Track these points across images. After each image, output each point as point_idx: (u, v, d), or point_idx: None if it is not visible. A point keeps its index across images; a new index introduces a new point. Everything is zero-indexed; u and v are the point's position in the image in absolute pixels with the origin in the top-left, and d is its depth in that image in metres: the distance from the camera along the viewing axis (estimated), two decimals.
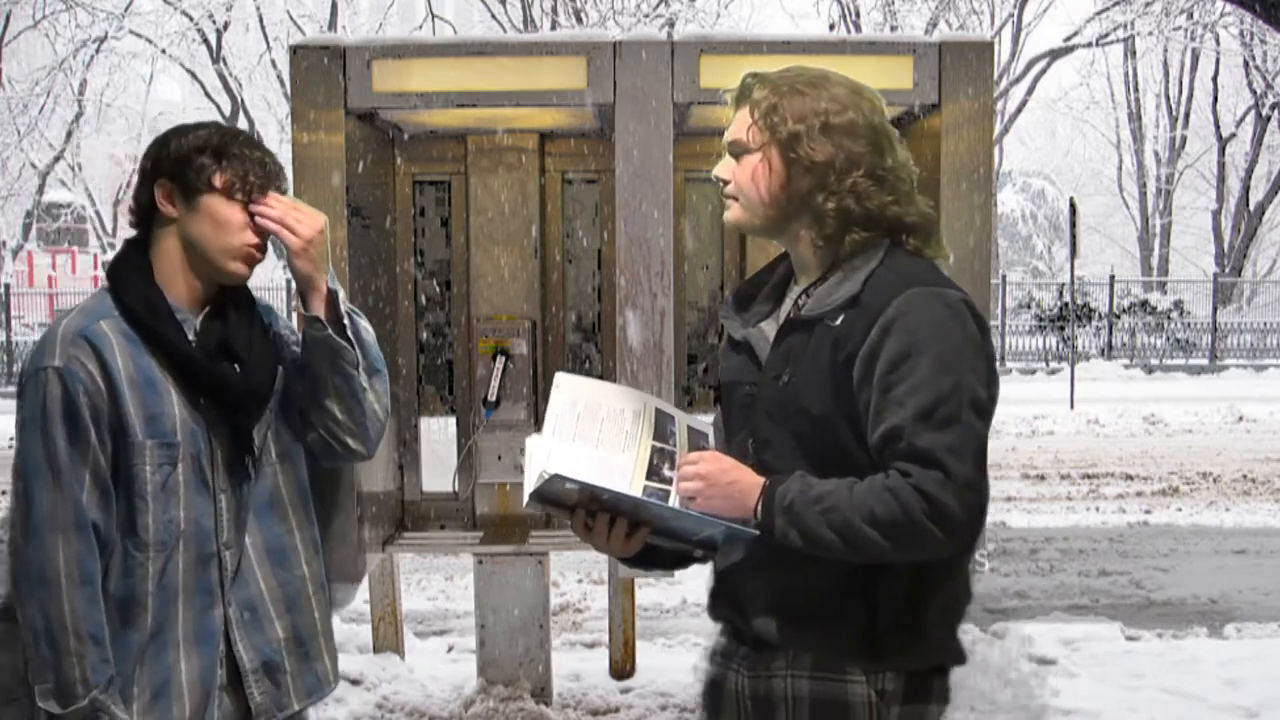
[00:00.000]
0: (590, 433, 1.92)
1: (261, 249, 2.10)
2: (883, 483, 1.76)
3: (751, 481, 1.86)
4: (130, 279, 2.06)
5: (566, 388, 1.96)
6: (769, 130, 1.91)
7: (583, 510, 1.90)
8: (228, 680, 2.13)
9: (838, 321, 1.87)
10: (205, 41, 24.54)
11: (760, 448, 1.92)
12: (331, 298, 2.14)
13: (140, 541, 2.01)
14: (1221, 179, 30.85)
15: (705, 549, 1.95)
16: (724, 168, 1.99)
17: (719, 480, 1.85)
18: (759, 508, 1.84)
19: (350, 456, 2.25)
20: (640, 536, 1.92)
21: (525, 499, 1.86)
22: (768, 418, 1.92)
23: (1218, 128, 30.22)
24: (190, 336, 2.06)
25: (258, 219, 2.07)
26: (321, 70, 3.26)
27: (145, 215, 2.09)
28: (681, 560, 2.03)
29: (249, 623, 2.12)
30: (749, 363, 2.00)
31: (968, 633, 5.29)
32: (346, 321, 2.15)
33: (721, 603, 2.03)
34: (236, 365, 2.08)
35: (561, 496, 1.87)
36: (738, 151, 1.96)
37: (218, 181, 2.04)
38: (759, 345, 1.99)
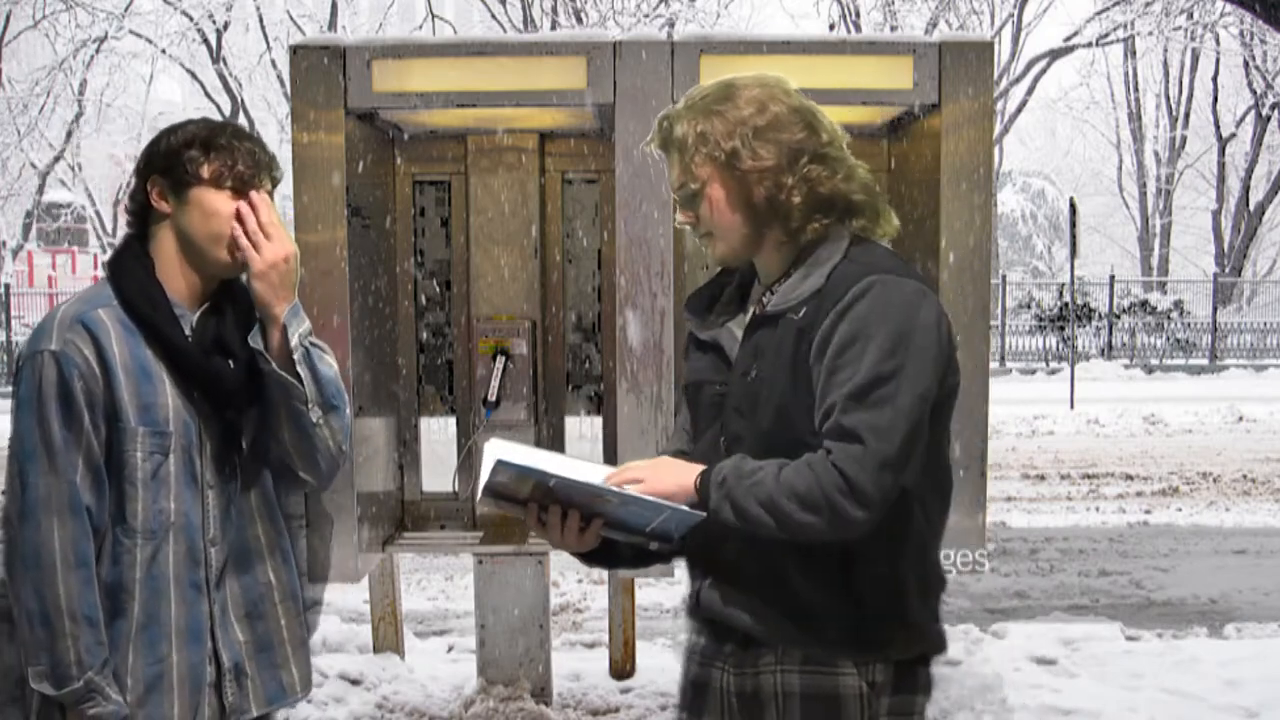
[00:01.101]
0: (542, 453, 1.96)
1: (250, 239, 2.09)
2: (806, 459, 1.80)
3: (692, 466, 1.93)
4: (130, 271, 2.07)
5: (499, 448, 1.97)
6: (708, 160, 1.94)
7: (535, 504, 1.91)
8: (218, 678, 2.13)
9: (801, 314, 1.89)
10: (205, 41, 24.54)
11: (731, 444, 1.94)
12: (284, 329, 2.12)
13: (129, 528, 2.02)
14: (1221, 179, 30.85)
15: (660, 541, 1.95)
16: (683, 214, 2.02)
17: (660, 465, 1.95)
18: (698, 483, 1.88)
19: (302, 485, 2.24)
20: (594, 531, 1.93)
21: (479, 496, 1.88)
22: (737, 414, 1.95)
23: (1218, 128, 30.22)
24: (187, 331, 2.07)
25: (236, 224, 2.07)
26: (321, 70, 3.26)
27: (141, 213, 2.10)
28: (642, 557, 2.04)
29: (221, 622, 2.12)
30: (718, 361, 2.03)
31: (967, 633, 5.30)
32: (297, 355, 2.12)
33: (704, 603, 2.03)
34: (231, 362, 2.08)
35: (514, 490, 1.87)
36: (688, 193, 1.98)
37: (205, 172, 2.05)
38: (728, 344, 2.01)
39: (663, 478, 1.92)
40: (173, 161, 2.05)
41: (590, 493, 1.86)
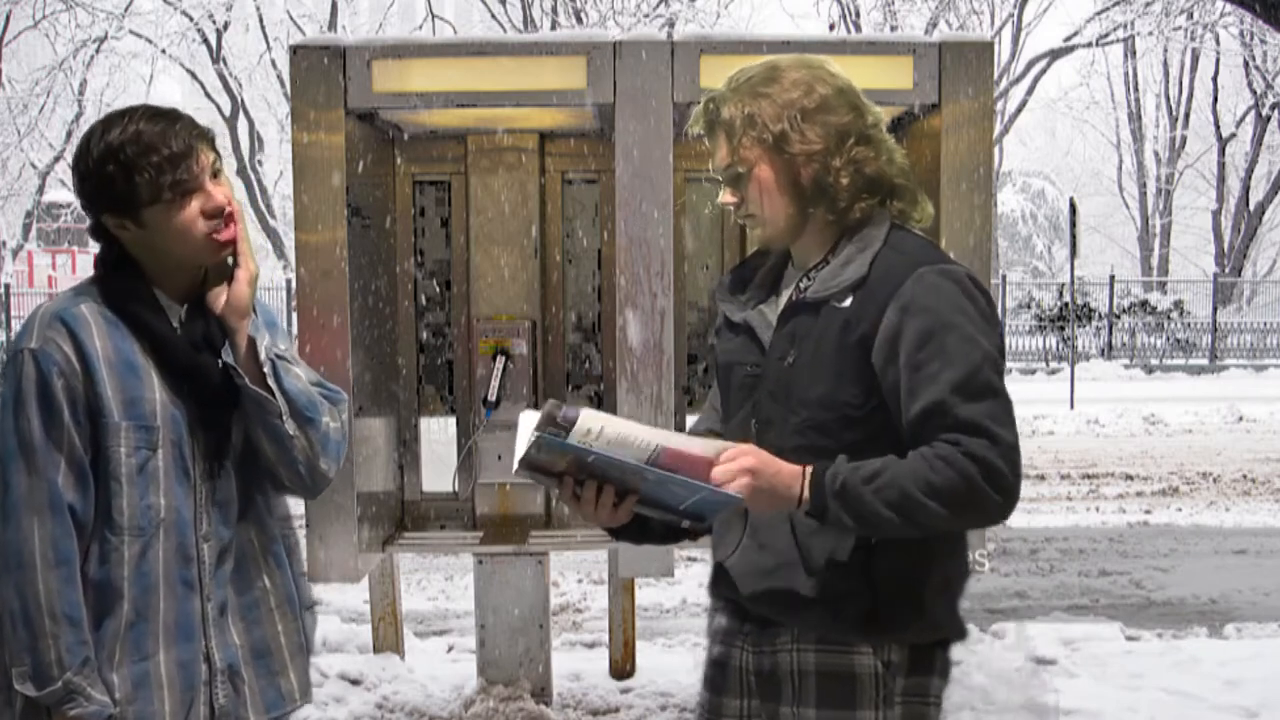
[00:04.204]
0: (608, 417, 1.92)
1: (226, 222, 2.04)
2: (934, 453, 1.78)
3: (792, 470, 1.84)
4: (115, 266, 2.05)
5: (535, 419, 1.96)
6: (757, 142, 1.92)
7: (571, 478, 1.90)
8: (210, 678, 2.10)
9: (846, 303, 1.89)
10: (205, 41, 24.56)
11: (763, 428, 1.94)
12: (252, 342, 2.08)
13: (116, 525, 1.99)
14: (1221, 179, 30.85)
15: (693, 519, 1.94)
16: (728, 195, 2.00)
17: (764, 472, 1.82)
18: (804, 493, 1.82)
19: (289, 493, 2.20)
20: (628, 507, 1.91)
21: (514, 466, 1.87)
22: (771, 398, 1.95)
23: (1218, 128, 30.22)
24: (175, 324, 2.05)
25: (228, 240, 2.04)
26: (321, 70, 3.26)
27: (111, 239, 2.07)
28: (672, 533, 2.03)
29: (218, 622, 2.11)
30: (749, 344, 2.02)
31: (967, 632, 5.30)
32: (268, 369, 2.08)
33: (724, 583, 2.05)
34: (220, 360, 2.07)
35: (550, 463, 1.87)
36: (734, 175, 1.97)
37: (145, 194, 1.97)
38: (759, 327, 2.01)
39: (764, 490, 1.82)
40: (111, 198, 1.98)
41: (627, 470, 1.85)
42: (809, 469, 1.84)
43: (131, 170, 1.96)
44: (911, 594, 1.89)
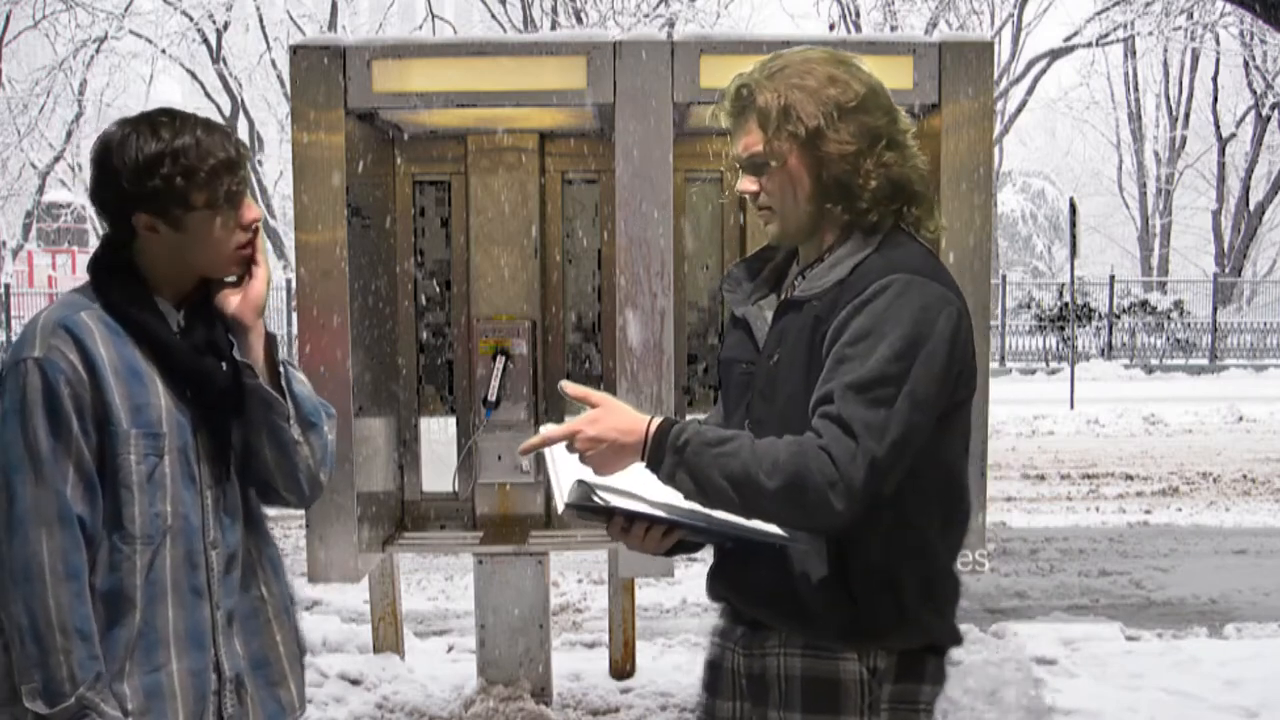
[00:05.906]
0: None
1: (252, 238, 2.07)
2: (793, 439, 1.74)
3: (639, 417, 1.81)
4: (113, 273, 2.03)
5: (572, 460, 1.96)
6: (791, 135, 1.87)
7: (620, 516, 1.88)
8: (219, 688, 2.09)
9: (822, 303, 1.87)
10: (205, 41, 24.58)
11: (754, 427, 1.91)
12: (270, 342, 2.08)
13: (127, 534, 1.98)
14: (1221, 179, 30.86)
15: (736, 543, 1.96)
16: (749, 182, 1.94)
17: (605, 412, 1.81)
18: (648, 442, 1.79)
19: (283, 503, 2.19)
20: (675, 534, 1.90)
21: (560, 508, 1.84)
22: (761, 397, 1.93)
23: (1218, 128, 30.22)
24: (174, 327, 2.04)
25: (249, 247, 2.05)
26: (321, 70, 3.26)
27: (115, 241, 2.05)
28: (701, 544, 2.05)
29: (225, 630, 2.09)
30: (746, 341, 2.00)
31: (967, 633, 5.30)
32: (281, 370, 2.09)
33: (719, 584, 2.04)
34: (224, 364, 2.06)
35: (599, 508, 1.87)
36: (761, 163, 1.91)
37: (198, 200, 1.97)
38: (756, 324, 1.99)
39: (604, 426, 1.80)
40: (153, 196, 1.96)
41: (678, 523, 1.86)
42: (656, 419, 1.80)
43: (192, 173, 1.96)
44: (889, 599, 1.86)
